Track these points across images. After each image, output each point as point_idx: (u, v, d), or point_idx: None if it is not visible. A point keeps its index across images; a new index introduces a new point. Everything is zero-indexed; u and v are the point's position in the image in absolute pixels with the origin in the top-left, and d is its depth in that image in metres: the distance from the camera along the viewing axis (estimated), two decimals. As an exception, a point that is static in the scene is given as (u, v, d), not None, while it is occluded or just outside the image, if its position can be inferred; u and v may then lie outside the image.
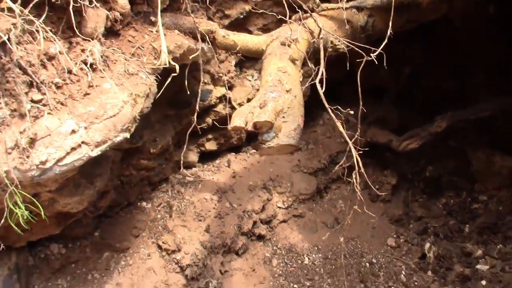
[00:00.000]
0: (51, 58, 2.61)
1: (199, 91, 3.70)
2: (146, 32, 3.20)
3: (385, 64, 3.10)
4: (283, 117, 2.75)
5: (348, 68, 3.36)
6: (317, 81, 3.11)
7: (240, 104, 4.41)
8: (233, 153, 4.85)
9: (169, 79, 3.11)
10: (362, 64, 3.13)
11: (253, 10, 4.31)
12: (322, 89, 3.13)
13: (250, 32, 4.44)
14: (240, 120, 2.65)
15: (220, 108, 4.40)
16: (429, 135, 4.73)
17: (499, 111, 4.65)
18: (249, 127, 2.66)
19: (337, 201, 5.04)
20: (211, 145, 4.63)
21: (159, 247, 3.90)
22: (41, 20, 2.52)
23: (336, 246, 4.59)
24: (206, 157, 4.72)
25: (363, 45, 3.25)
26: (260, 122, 2.62)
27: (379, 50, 3.22)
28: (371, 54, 3.10)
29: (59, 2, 2.55)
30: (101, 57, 2.79)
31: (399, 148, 4.87)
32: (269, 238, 4.53)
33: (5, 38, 2.34)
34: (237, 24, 4.32)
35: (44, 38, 2.57)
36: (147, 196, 4.23)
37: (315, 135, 5.26)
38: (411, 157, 5.34)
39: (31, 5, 2.47)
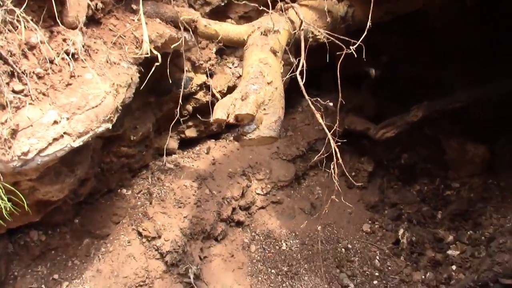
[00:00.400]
0: (32, 47, 2.60)
1: (183, 79, 3.75)
2: (127, 20, 3.19)
3: (363, 54, 3.16)
4: (264, 109, 2.79)
5: (328, 59, 3.42)
6: (297, 72, 3.16)
7: (220, 92, 4.43)
8: (213, 140, 4.88)
9: (152, 69, 3.13)
10: (342, 57, 3.19)
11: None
12: (302, 80, 3.19)
13: (231, 20, 4.46)
14: (222, 112, 2.69)
15: (200, 95, 4.41)
16: (405, 124, 4.85)
17: (473, 101, 4.77)
18: (231, 119, 2.70)
19: (314, 187, 5.13)
20: (191, 132, 4.64)
21: (139, 233, 3.94)
22: (21, 9, 2.50)
23: (313, 232, 4.70)
24: (186, 143, 4.74)
25: (342, 37, 3.31)
26: (241, 115, 2.66)
27: (358, 42, 3.28)
28: (351, 47, 3.17)
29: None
30: (83, 46, 2.78)
31: (376, 136, 4.98)
32: (247, 224, 4.61)
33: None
34: (218, 11, 4.33)
35: (25, 27, 2.56)
36: (127, 183, 4.24)
37: (294, 122, 5.32)
38: (387, 145, 5.46)
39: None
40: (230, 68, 4.64)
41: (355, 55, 3.19)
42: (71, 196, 3.66)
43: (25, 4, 2.53)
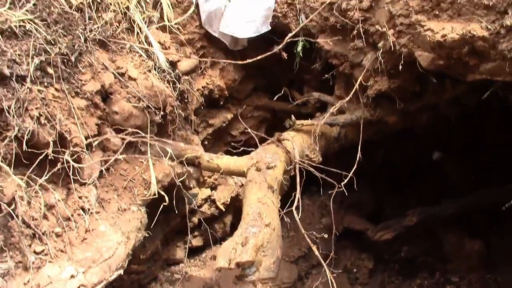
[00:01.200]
0: (51, 207, 2.88)
1: (189, 196, 4.04)
2: (137, 163, 3.47)
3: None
4: (263, 251, 3.05)
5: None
6: (293, 208, 3.43)
7: (224, 204, 4.70)
8: (219, 245, 5.08)
9: (160, 208, 3.42)
10: (333, 193, 3.48)
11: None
12: (298, 215, 3.46)
13: (233, 136, 4.78)
14: (223, 260, 2.95)
15: (205, 208, 4.67)
16: (401, 228, 5.06)
17: (465, 209, 5.01)
18: (232, 266, 2.95)
19: (318, 287, 5.27)
20: (197, 241, 4.88)
21: None
22: (43, 179, 2.80)
23: (317, 334, 4.82)
24: (193, 251, 4.95)
25: (335, 170, 3.61)
26: (242, 262, 2.91)
27: (349, 176, 3.58)
28: (341, 184, 3.47)
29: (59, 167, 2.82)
30: (96, 200, 3.07)
31: (374, 238, 5.18)
32: (252, 329, 4.74)
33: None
34: (220, 130, 4.66)
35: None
36: (137, 298, 4.45)
37: (295, 221, 5.52)
38: (387, 240, 5.63)
39: (38, 182, 2.73)
40: (233, 178, 4.91)
41: (345, 192, 3.50)
42: (84, 319, 3.86)
43: (45, 176, 2.82)
